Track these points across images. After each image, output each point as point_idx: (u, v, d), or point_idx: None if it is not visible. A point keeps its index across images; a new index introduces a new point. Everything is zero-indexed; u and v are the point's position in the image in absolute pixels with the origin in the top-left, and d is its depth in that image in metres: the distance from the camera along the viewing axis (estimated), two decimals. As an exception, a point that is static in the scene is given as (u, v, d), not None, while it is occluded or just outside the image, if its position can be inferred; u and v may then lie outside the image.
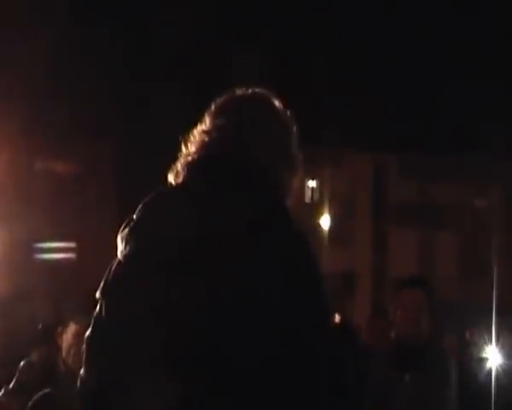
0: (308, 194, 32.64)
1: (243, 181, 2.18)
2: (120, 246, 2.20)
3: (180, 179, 2.25)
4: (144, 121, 24.66)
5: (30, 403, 4.41)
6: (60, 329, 4.61)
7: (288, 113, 2.39)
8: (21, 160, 26.01)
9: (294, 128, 2.40)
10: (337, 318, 6.12)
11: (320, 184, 32.13)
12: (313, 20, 30.87)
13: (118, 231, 2.28)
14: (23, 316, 7.15)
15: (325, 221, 30.46)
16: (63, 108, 23.02)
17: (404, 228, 31.30)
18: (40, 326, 6.79)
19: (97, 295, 2.24)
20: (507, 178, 30.50)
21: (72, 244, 25.88)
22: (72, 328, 4.48)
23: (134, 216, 2.22)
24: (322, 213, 30.56)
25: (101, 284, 2.23)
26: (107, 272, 2.24)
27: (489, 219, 30.22)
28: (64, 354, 4.50)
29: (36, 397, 4.44)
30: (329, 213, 30.17)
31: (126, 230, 2.20)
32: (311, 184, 32.62)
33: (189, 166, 2.24)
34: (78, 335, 4.31)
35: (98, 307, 2.23)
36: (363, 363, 4.99)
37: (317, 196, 32.39)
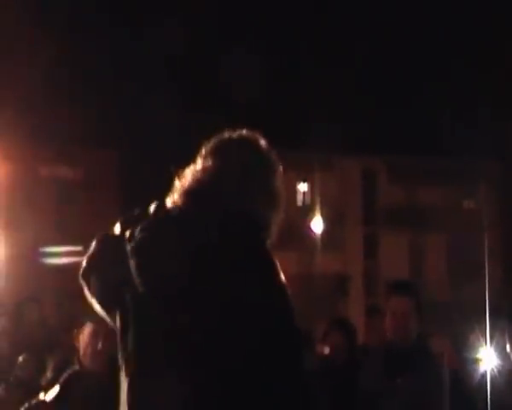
0: (300, 197, 33.01)
1: (226, 217, 2.43)
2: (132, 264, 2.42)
3: (174, 208, 2.51)
4: (148, 128, 24.83)
5: (61, 380, 4.50)
6: (75, 331, 4.59)
7: (273, 153, 2.60)
8: (28, 167, 26.34)
9: (279, 168, 2.61)
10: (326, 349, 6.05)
11: (311, 188, 32.42)
12: (302, 23, 31.28)
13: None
14: (32, 317, 7.23)
15: (317, 224, 30.63)
16: (68, 115, 23.24)
17: (393, 231, 31.65)
18: (47, 332, 6.92)
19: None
20: (492, 178, 30.84)
21: (77, 248, 25.80)
22: (88, 328, 4.50)
23: (134, 239, 2.44)
24: (313, 216, 30.73)
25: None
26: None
27: (477, 220, 30.46)
28: (81, 354, 4.52)
29: (66, 374, 4.52)
30: (321, 216, 30.29)
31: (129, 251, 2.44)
32: (303, 187, 32.93)
33: (182, 198, 2.50)
34: (95, 334, 4.43)
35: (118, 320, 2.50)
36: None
37: (308, 199, 32.67)
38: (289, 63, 31.06)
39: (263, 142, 2.61)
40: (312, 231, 30.48)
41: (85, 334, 4.49)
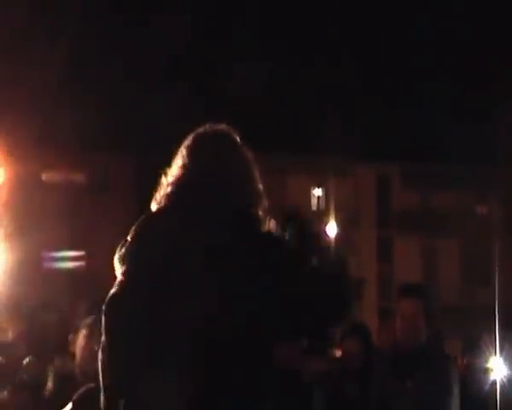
0: (314, 202, 33.29)
1: (215, 206, 2.44)
2: (118, 266, 2.45)
3: (162, 206, 2.54)
4: (160, 132, 24.09)
5: (74, 397, 4.32)
6: (71, 336, 4.51)
7: (247, 145, 2.60)
8: (38, 171, 26.47)
9: (253, 159, 2.60)
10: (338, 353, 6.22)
11: (326, 193, 32.65)
12: (315, 31, 31.45)
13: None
14: (46, 321, 7.33)
15: (331, 229, 30.69)
16: (80, 119, 23.11)
17: (407, 235, 31.93)
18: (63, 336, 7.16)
19: (103, 309, 2.47)
20: (505, 184, 30.99)
21: (89, 253, 25.97)
22: (83, 332, 4.40)
23: (128, 238, 2.46)
24: (328, 221, 30.81)
25: (106, 301, 2.46)
26: (112, 290, 2.46)
27: (489, 225, 30.63)
28: (78, 359, 4.41)
29: (80, 391, 4.33)
30: (335, 221, 30.36)
31: (122, 251, 2.45)
32: (317, 192, 33.22)
33: (170, 196, 2.53)
34: (90, 337, 4.30)
35: (104, 320, 2.46)
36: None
37: (322, 204, 32.95)
38: (305, 68, 31.10)
39: (237, 136, 2.61)
40: (327, 235, 30.58)
41: (81, 338, 4.40)
